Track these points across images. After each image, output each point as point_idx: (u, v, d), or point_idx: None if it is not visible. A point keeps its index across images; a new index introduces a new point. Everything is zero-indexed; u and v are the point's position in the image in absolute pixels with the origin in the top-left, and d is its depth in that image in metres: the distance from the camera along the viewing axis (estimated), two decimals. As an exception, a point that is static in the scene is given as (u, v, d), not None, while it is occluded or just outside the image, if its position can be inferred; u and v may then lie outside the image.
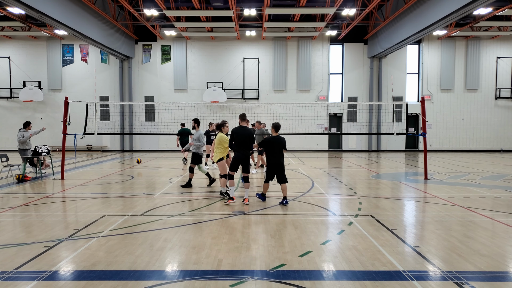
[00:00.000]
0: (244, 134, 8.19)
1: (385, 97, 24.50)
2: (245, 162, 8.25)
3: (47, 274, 4.50)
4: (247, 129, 8.31)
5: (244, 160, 8.22)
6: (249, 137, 8.23)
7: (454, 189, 10.41)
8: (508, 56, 24.78)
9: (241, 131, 8.22)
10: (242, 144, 8.15)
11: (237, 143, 8.17)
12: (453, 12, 14.59)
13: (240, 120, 8.56)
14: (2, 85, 24.50)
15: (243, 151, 8.17)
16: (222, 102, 23.57)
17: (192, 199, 9.02)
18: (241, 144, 8.15)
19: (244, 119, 8.53)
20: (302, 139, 24.07)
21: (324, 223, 6.89)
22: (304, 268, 4.70)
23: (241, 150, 8.16)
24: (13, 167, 12.58)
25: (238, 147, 8.17)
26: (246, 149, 8.21)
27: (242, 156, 8.16)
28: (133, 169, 14.90)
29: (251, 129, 8.39)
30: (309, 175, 13.10)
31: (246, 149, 8.21)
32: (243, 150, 8.17)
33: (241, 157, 8.17)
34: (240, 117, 8.59)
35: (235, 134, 8.22)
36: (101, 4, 19.44)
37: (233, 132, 8.26)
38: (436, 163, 17.15)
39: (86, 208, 8.06)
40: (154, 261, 4.91)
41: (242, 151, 8.16)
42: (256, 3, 19.49)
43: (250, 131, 8.31)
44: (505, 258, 5.11)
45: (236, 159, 8.20)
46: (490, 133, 24.91)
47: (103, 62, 24.63)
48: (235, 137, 8.22)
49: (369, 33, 23.38)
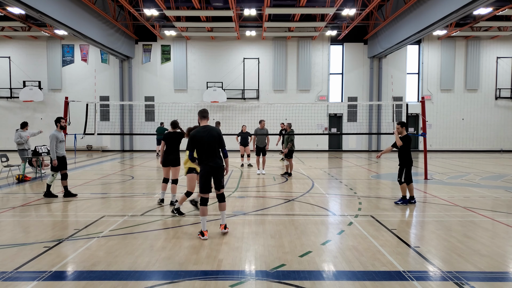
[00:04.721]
0: (209, 136, 5.90)
1: (385, 97, 24.49)
2: (216, 175, 5.98)
3: (47, 274, 4.49)
4: (212, 129, 6.00)
5: (215, 173, 5.96)
6: (216, 139, 5.94)
7: (454, 189, 10.41)
8: (508, 56, 24.77)
9: (204, 134, 5.91)
10: (207, 151, 5.91)
11: (201, 151, 5.92)
12: (453, 12, 14.59)
13: (199, 118, 6.15)
14: (2, 85, 24.50)
15: (212, 160, 5.91)
16: (222, 102, 23.56)
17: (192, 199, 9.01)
18: (207, 152, 5.91)
19: (206, 116, 6.13)
20: (302, 139, 24.05)
21: (324, 223, 6.89)
22: (304, 268, 4.70)
23: (208, 161, 5.90)
24: (13, 167, 12.57)
25: (203, 156, 5.92)
26: (215, 157, 5.96)
27: (209, 168, 5.90)
28: (133, 169, 14.90)
29: (217, 129, 6.05)
30: (309, 175, 13.10)
31: (215, 157, 5.96)
32: (211, 159, 5.91)
33: (210, 170, 5.91)
34: (199, 113, 6.14)
35: (195, 139, 5.90)
36: (101, 4, 19.43)
37: (191, 136, 5.93)
38: (436, 163, 17.14)
39: (86, 208, 8.06)
40: (154, 261, 4.91)
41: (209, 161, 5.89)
42: (256, 3, 19.49)
43: (217, 131, 6.02)
44: (505, 258, 5.11)
45: (205, 174, 5.92)
46: (490, 133, 24.91)
47: (103, 62, 24.62)
48: (195, 143, 5.92)
49: (369, 33, 23.38)
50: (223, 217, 6.18)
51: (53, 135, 8.87)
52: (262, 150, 13.47)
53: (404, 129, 8.47)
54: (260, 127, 13.76)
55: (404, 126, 8.50)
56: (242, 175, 13.12)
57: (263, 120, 13.92)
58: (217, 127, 11.67)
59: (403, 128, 8.45)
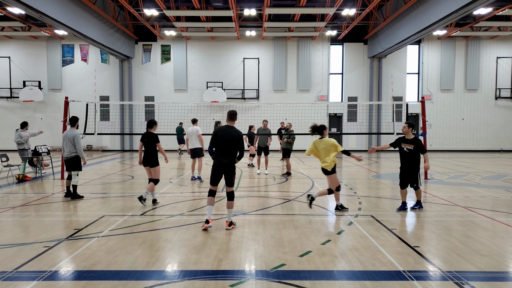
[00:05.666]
0: (229, 136, 6.30)
1: (385, 97, 24.50)
2: (227, 172, 6.35)
3: (47, 274, 4.49)
4: (234, 131, 6.39)
5: (226, 170, 6.34)
6: (236, 140, 6.32)
7: (454, 189, 10.41)
8: (508, 56, 24.78)
9: (225, 132, 6.34)
10: (223, 148, 6.30)
11: (218, 147, 6.37)
12: (453, 12, 14.59)
13: (227, 117, 6.62)
14: (2, 85, 24.50)
15: (225, 158, 6.30)
16: (222, 102, 23.57)
17: (192, 199, 9.01)
18: (222, 149, 6.31)
19: (232, 118, 6.54)
20: (302, 139, 24.01)
21: (324, 223, 6.89)
22: (304, 268, 4.70)
23: (220, 157, 6.31)
24: (13, 167, 12.58)
25: (218, 152, 6.36)
26: (229, 155, 6.33)
27: (220, 164, 6.31)
28: (133, 169, 14.90)
29: (240, 132, 6.42)
30: (309, 175, 13.11)
31: (229, 155, 6.33)
32: (225, 157, 6.30)
33: (220, 166, 6.32)
34: (228, 114, 6.61)
35: (217, 135, 6.36)
36: (101, 4, 19.43)
37: (214, 132, 6.44)
38: (436, 163, 17.14)
39: (86, 208, 8.06)
40: (154, 261, 4.91)
41: (222, 158, 6.30)
42: (256, 3, 19.50)
43: (239, 133, 6.39)
44: (505, 258, 5.10)
45: (215, 169, 6.39)
46: (490, 133, 24.91)
47: (103, 62, 24.63)
48: (215, 138, 6.38)
49: (369, 33, 23.38)
50: (229, 215, 6.50)
51: (78, 135, 8.91)
52: (264, 150, 13.47)
53: (411, 130, 7.72)
54: (262, 127, 13.78)
55: (412, 127, 7.74)
56: (242, 175, 13.11)
57: (266, 120, 13.94)
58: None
59: (410, 129, 7.71)
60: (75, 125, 9.18)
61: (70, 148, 8.87)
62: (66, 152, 8.89)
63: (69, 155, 8.89)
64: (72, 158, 8.91)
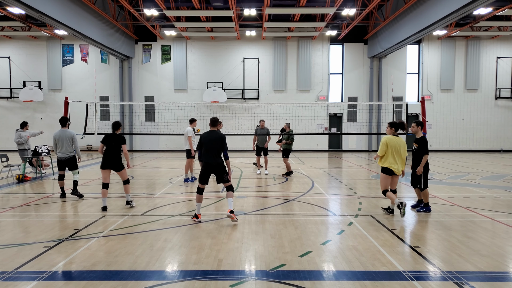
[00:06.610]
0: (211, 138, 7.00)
1: (385, 97, 24.50)
2: (216, 171, 6.96)
3: (47, 274, 4.49)
4: (216, 133, 7.09)
5: (214, 169, 6.96)
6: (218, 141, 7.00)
7: (454, 189, 10.41)
8: (508, 56, 24.78)
9: (208, 136, 7.05)
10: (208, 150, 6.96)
11: (203, 149, 7.05)
12: (453, 12, 14.60)
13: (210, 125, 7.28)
14: (2, 85, 24.50)
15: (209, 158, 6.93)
16: (222, 102, 23.57)
17: (192, 199, 9.01)
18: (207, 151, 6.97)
19: (213, 124, 7.23)
20: (302, 139, 24.04)
21: (324, 223, 6.89)
22: (304, 268, 4.70)
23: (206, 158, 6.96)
24: (13, 167, 12.58)
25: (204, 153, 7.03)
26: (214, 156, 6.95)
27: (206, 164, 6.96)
28: (133, 169, 14.90)
29: (221, 134, 7.12)
30: (309, 175, 13.11)
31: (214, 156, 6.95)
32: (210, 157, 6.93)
33: (207, 166, 6.96)
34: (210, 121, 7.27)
35: (201, 140, 7.15)
36: (101, 4, 19.44)
37: (200, 137, 7.20)
38: (436, 163, 17.14)
39: (86, 208, 8.06)
40: (154, 261, 4.91)
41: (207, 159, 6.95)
42: (256, 3, 19.50)
43: (220, 135, 7.07)
44: (505, 258, 5.11)
45: (203, 169, 7.04)
46: (490, 133, 24.91)
47: (103, 62, 24.63)
48: (201, 143, 7.14)
49: (369, 33, 23.38)
50: (229, 203, 6.88)
51: (75, 134, 9.20)
52: (263, 150, 13.46)
53: (420, 129, 7.63)
54: (260, 127, 13.76)
55: (420, 125, 7.63)
56: (242, 175, 13.11)
57: (263, 120, 13.92)
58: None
59: (419, 127, 7.62)
60: (66, 125, 9.27)
61: (68, 148, 8.98)
62: (62, 151, 8.97)
63: (67, 154, 9.00)
64: (70, 158, 9.05)
